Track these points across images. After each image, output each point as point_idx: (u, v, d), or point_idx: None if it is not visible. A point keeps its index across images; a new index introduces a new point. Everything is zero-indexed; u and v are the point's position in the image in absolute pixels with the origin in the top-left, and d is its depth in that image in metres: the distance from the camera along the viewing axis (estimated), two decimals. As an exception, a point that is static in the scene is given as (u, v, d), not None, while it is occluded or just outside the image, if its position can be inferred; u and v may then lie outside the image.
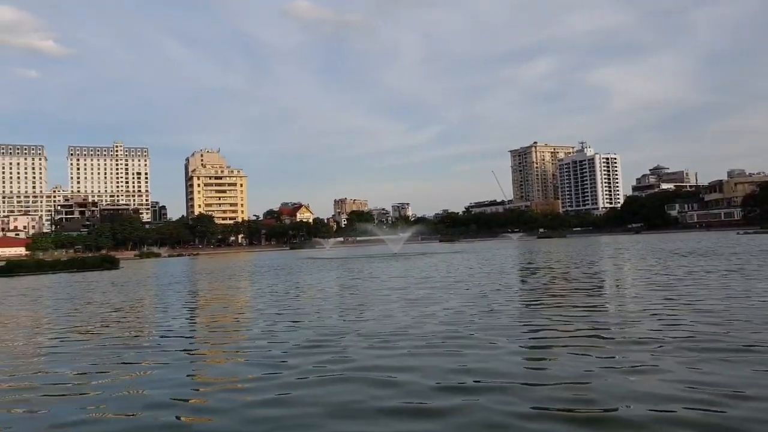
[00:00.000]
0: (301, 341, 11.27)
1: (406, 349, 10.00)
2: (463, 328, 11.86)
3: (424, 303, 16.71)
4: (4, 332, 15.18)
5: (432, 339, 10.78)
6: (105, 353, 11.24)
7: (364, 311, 15.63)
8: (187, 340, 12.56)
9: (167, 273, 50.15)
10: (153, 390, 8.15)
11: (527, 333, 11.27)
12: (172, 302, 21.88)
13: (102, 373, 9.44)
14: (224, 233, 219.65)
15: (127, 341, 12.65)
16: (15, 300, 26.45)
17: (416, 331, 11.73)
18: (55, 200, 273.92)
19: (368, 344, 10.64)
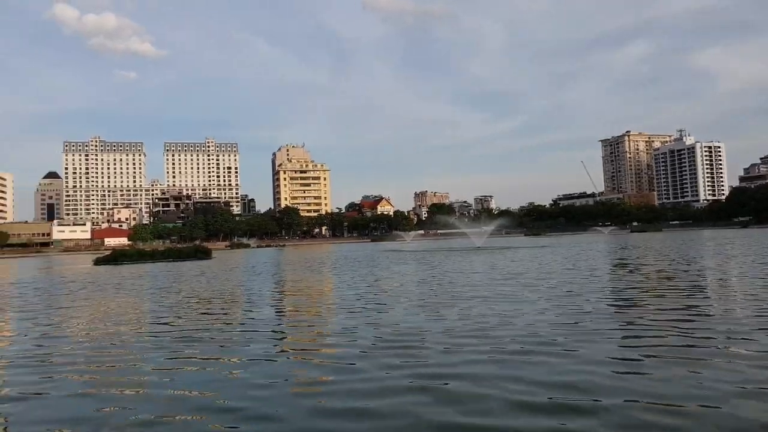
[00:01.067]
0: (379, 340, 10.90)
1: (485, 354, 9.35)
2: (546, 332, 11.03)
3: (506, 301, 15.89)
4: (108, 318, 15.84)
5: (511, 344, 10.03)
6: (191, 344, 11.34)
7: (442, 308, 15.03)
8: (271, 334, 12.41)
9: (256, 263, 51.68)
10: (220, 387, 7.96)
11: (619, 340, 10.24)
12: (259, 292, 22.29)
13: (180, 368, 9.39)
14: (309, 225, 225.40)
15: (214, 333, 12.72)
16: (127, 284, 28.00)
17: (498, 333, 11.06)
18: (153, 194, 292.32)
19: (446, 347, 10.04)
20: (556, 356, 8.98)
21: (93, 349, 11.21)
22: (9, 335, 14.12)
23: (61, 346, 11.61)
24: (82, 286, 30.17)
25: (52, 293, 26.11)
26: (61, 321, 16.05)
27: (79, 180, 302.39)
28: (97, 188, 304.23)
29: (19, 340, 13.06)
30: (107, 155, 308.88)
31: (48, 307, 20.00)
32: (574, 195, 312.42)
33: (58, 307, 19.92)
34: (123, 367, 9.51)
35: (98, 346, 11.53)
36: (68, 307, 19.51)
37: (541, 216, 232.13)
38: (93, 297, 23.08)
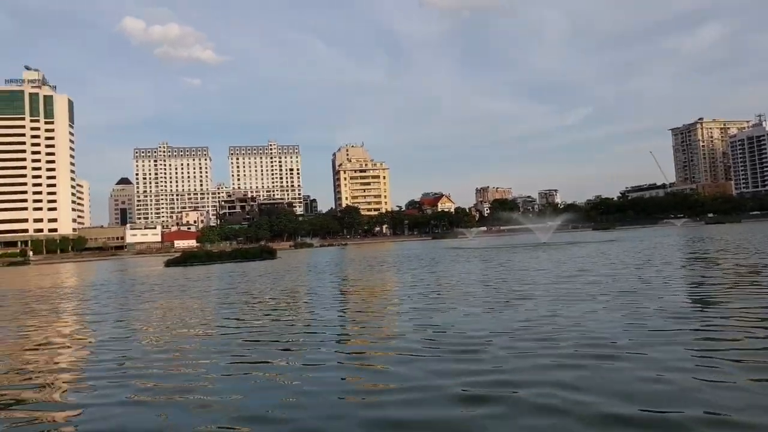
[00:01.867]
0: (442, 343, 10.51)
1: (554, 358, 8.81)
2: (619, 334, 10.32)
3: (574, 300, 15.13)
4: (178, 320, 16.21)
5: (582, 347, 9.42)
6: (255, 347, 11.33)
7: (507, 308, 14.51)
8: (333, 336, 12.23)
9: (319, 262, 52.25)
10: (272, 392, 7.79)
11: (700, 342, 9.39)
12: (322, 292, 22.37)
13: (242, 374, 9.32)
14: (370, 224, 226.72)
15: (278, 336, 12.70)
16: (196, 285, 28.88)
17: (567, 335, 10.47)
18: (219, 196, 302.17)
19: (511, 351, 9.55)
20: (632, 361, 8.35)
21: (159, 353, 11.36)
22: (85, 338, 14.54)
23: (132, 350, 11.82)
24: (154, 287, 31.31)
25: (127, 295, 27.19)
26: (133, 323, 16.50)
27: (149, 185, 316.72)
28: (166, 192, 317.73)
29: (92, 344, 13.40)
30: (175, 160, 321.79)
31: (122, 308, 20.78)
32: (643, 187, 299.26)
33: (132, 309, 20.63)
34: (186, 372, 9.49)
35: (165, 349, 11.65)
36: (141, 309, 20.15)
37: (609, 209, 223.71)
38: (164, 298, 23.82)
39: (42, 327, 16.75)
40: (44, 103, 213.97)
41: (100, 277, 49.76)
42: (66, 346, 13.06)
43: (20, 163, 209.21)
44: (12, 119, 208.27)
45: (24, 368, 10.66)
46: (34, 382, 9.48)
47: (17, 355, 12.15)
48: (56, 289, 34.91)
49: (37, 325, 17.32)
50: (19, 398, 8.46)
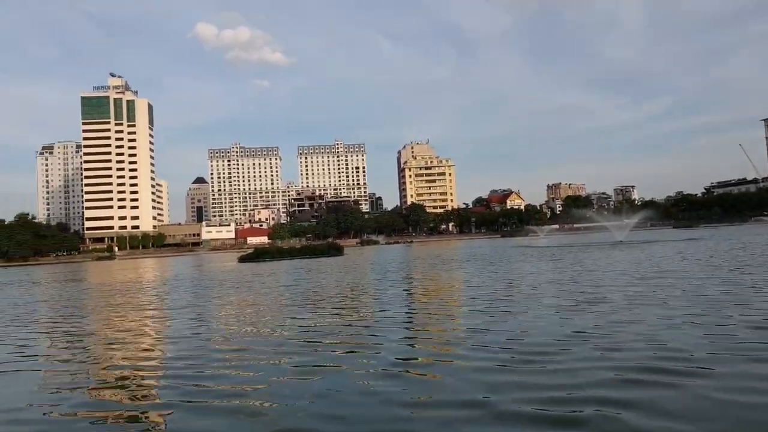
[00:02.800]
0: (509, 350, 9.84)
1: (619, 371, 7.97)
2: (704, 346, 9.21)
3: (653, 305, 13.87)
4: (249, 316, 16.35)
5: (665, 361, 8.42)
6: (322, 346, 11.12)
7: (576, 313, 13.50)
8: (398, 339, 11.81)
9: (385, 260, 52.07)
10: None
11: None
12: (389, 290, 22.04)
13: (306, 377, 8.90)
14: (435, 221, 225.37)
15: (344, 336, 12.47)
16: (268, 280, 29.33)
17: (641, 345, 9.47)
18: (289, 195, 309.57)
19: (578, 362, 8.74)
20: (714, 378, 7.36)
21: (222, 351, 11.21)
22: (154, 333, 14.73)
23: (195, 347, 11.77)
24: (227, 282, 32.12)
25: (202, 289, 27.99)
26: (204, 319, 16.80)
27: (223, 184, 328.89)
28: (238, 191, 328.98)
29: (160, 339, 13.52)
30: (247, 160, 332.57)
31: (195, 303, 21.30)
32: (730, 182, 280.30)
33: (205, 304, 21.14)
34: (244, 375, 9.22)
35: (229, 348, 11.48)
36: (214, 305, 20.56)
37: (692, 206, 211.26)
38: (236, 293, 24.26)
39: (116, 320, 17.31)
40: (127, 107, 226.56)
41: (178, 271, 51.66)
42: (129, 341, 13.25)
43: (106, 164, 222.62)
44: (99, 123, 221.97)
45: (95, 362, 10.78)
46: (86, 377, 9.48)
47: (92, 349, 12.36)
48: (137, 283, 36.36)
49: (114, 317, 17.95)
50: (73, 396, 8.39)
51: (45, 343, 13.64)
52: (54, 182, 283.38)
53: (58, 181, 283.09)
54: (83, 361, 10.95)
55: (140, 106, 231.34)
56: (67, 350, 12.38)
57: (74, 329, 15.72)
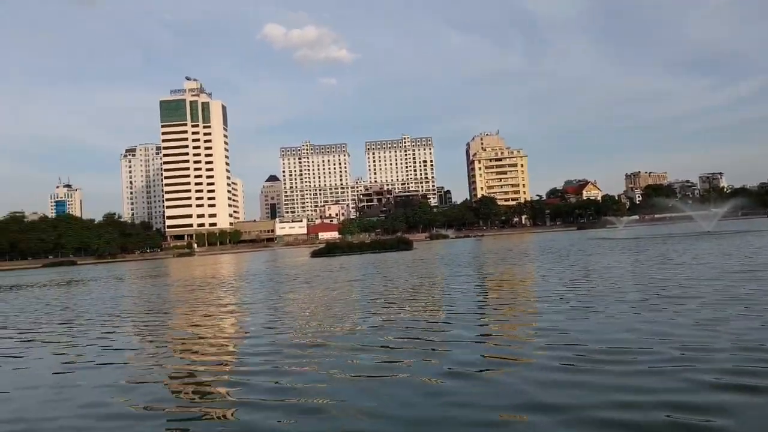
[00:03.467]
0: (590, 350, 8.91)
1: (698, 374, 7.08)
2: None
3: (739, 304, 11.99)
4: (323, 310, 15.68)
5: (744, 364, 7.38)
6: (392, 344, 10.42)
7: (660, 310, 12.02)
8: (471, 336, 10.84)
9: (455, 254, 50.73)
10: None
11: None
12: (460, 285, 20.96)
13: (378, 375, 7.98)
14: (507, 214, 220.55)
15: (417, 332, 11.66)
16: (340, 275, 28.87)
17: (726, 351, 8.21)
18: (358, 190, 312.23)
19: (668, 362, 7.77)
20: None
21: (295, 347, 10.73)
22: (236, 330, 14.40)
23: (269, 343, 11.29)
24: (301, 276, 32.12)
25: (277, 283, 27.94)
26: (279, 313, 16.46)
27: (295, 181, 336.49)
28: (309, 188, 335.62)
29: (244, 335, 13.14)
30: (316, 157, 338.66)
31: (271, 297, 21.09)
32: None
33: (280, 297, 20.93)
34: (319, 372, 8.68)
35: (302, 344, 11.01)
36: (289, 299, 20.29)
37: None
38: (310, 287, 24.01)
39: (195, 315, 17.23)
40: (202, 109, 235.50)
41: (254, 267, 52.55)
42: (205, 337, 12.97)
43: (184, 164, 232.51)
44: (176, 125, 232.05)
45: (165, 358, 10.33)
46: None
47: (171, 344, 12.02)
48: (216, 279, 36.94)
49: (193, 312, 17.90)
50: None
51: (127, 338, 13.49)
52: (137, 183, 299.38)
53: (140, 181, 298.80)
54: (162, 356, 10.79)
55: (215, 107, 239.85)
56: (149, 345, 12.27)
57: (156, 324, 15.72)
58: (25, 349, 12.80)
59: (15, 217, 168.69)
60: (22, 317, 19.77)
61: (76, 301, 25.84)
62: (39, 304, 25.50)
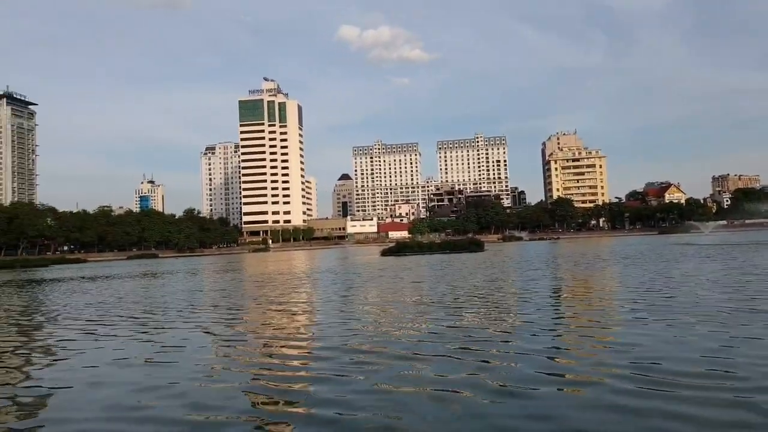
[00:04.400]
0: (667, 365, 8.05)
1: None
2: None
3: None
4: (393, 310, 15.29)
5: None
6: (458, 350, 9.72)
7: (750, 326, 10.73)
8: (543, 348, 9.98)
9: (529, 257, 49.01)
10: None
11: None
12: (533, 290, 19.85)
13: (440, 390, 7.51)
14: (584, 217, 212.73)
15: (482, 343, 10.85)
16: (410, 274, 28.47)
17: None
18: (428, 190, 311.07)
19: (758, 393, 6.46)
20: None
21: (359, 352, 10.31)
22: (304, 329, 14.20)
23: (334, 346, 10.92)
24: (371, 274, 31.96)
25: (348, 281, 27.86)
26: (349, 312, 16.15)
27: (366, 180, 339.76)
28: (380, 187, 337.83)
29: (310, 335, 12.86)
30: (388, 156, 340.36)
31: (342, 294, 20.98)
32: None
33: (351, 296, 20.74)
34: (382, 378, 8.20)
35: (367, 349, 10.53)
36: (359, 298, 20.00)
37: None
38: (381, 286, 23.61)
39: (267, 311, 17.23)
40: (279, 109, 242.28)
41: (326, 263, 53.09)
42: (273, 336, 12.76)
43: (261, 162, 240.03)
44: (254, 125, 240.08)
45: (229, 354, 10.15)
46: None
47: (243, 344, 11.91)
48: (290, 275, 37.43)
49: (266, 308, 17.94)
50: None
51: (194, 334, 13.50)
52: (216, 180, 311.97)
53: (219, 178, 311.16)
54: (231, 356, 10.58)
55: (291, 107, 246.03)
56: (215, 341, 12.16)
57: (229, 318, 15.70)
58: (92, 341, 13.07)
59: (104, 211, 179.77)
60: (105, 307, 20.49)
61: (159, 292, 26.72)
62: (128, 294, 26.53)
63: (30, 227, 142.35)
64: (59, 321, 16.74)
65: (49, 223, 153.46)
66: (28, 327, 15.98)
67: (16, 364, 10.52)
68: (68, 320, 16.76)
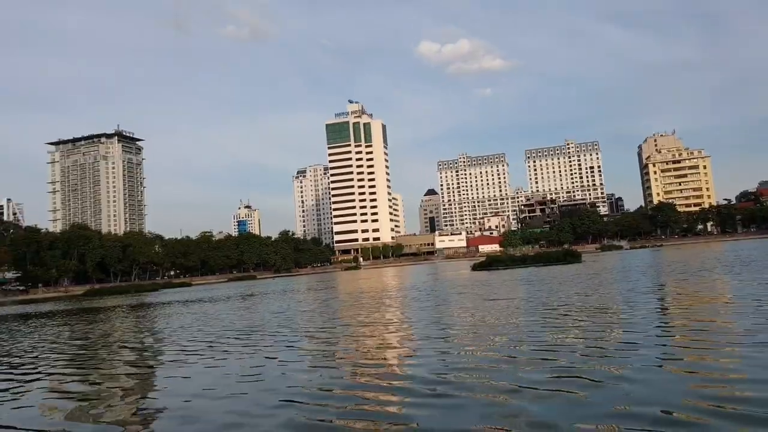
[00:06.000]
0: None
1: None
2: None
3: None
4: (489, 325, 14.83)
5: None
6: (546, 367, 9.09)
7: None
8: (644, 374, 8.97)
9: (630, 266, 46.25)
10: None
11: None
12: (638, 303, 18.36)
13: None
14: (689, 222, 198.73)
15: (582, 362, 10.23)
16: (504, 289, 27.70)
17: None
18: (518, 201, 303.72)
19: None
20: None
21: (461, 372, 9.99)
22: (399, 345, 14.10)
23: (431, 363, 10.79)
24: (465, 290, 31.41)
25: (441, 297, 27.41)
26: (445, 329, 15.87)
27: (453, 194, 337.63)
28: (468, 200, 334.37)
29: (406, 352, 12.78)
30: (474, 169, 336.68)
31: (436, 311, 20.61)
32: None
33: (445, 312, 20.37)
34: (478, 400, 7.87)
35: (469, 367, 10.26)
36: (453, 314, 19.68)
37: None
38: (474, 302, 23.06)
39: (363, 328, 17.23)
40: (364, 130, 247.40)
41: (416, 279, 53.05)
42: (370, 354, 12.81)
43: (349, 182, 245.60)
44: (341, 146, 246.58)
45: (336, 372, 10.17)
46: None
47: (338, 360, 12.01)
48: (382, 291, 37.63)
49: (362, 325, 18.00)
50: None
51: (291, 353, 13.72)
52: (307, 201, 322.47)
53: (310, 200, 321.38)
54: (329, 367, 10.65)
55: (375, 127, 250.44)
56: (313, 357, 12.30)
57: (323, 337, 15.94)
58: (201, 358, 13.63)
59: (205, 236, 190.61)
60: (207, 329, 21.47)
61: (259, 311, 27.71)
62: (228, 314, 27.76)
63: (141, 254, 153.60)
64: (178, 341, 17.77)
65: (157, 250, 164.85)
66: (162, 347, 17.07)
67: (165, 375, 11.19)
68: (179, 341, 17.71)
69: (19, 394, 11.06)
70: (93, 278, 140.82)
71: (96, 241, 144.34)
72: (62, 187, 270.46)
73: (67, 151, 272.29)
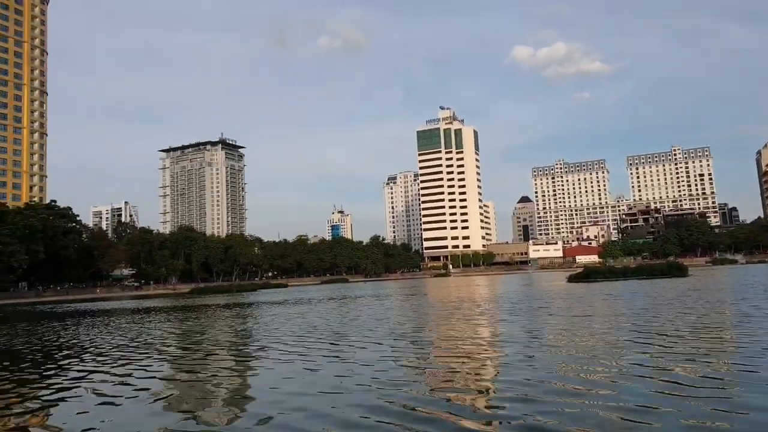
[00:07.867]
0: None
1: None
2: None
3: None
4: (585, 340, 14.17)
5: None
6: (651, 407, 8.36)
7: None
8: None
9: (745, 283, 42.54)
10: None
11: None
12: (755, 326, 16.60)
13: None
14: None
15: (691, 389, 9.50)
16: (602, 303, 26.47)
17: None
18: (620, 209, 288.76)
19: None
20: None
21: (552, 395, 9.62)
22: (492, 360, 13.86)
23: (535, 382, 10.39)
24: (560, 303, 30.32)
25: (535, 310, 26.77)
26: (539, 342, 15.48)
27: (548, 202, 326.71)
28: (564, 208, 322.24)
29: (499, 368, 12.50)
30: (571, 176, 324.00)
31: (530, 324, 20.17)
32: None
33: (539, 325, 19.85)
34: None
35: (560, 389, 9.84)
36: (548, 327, 19.02)
37: None
38: (570, 316, 22.30)
39: (452, 339, 17.03)
40: (455, 136, 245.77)
41: (508, 290, 51.81)
42: (459, 368, 12.60)
43: (439, 189, 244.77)
44: (432, 152, 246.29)
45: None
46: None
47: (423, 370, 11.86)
48: (473, 302, 37.12)
49: (451, 335, 17.89)
50: None
51: (381, 360, 13.76)
52: (397, 207, 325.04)
53: (401, 206, 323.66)
54: (414, 376, 10.58)
55: (466, 133, 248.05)
56: (399, 365, 12.28)
57: (413, 343, 15.98)
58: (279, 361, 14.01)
59: (301, 240, 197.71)
60: (294, 329, 22.10)
61: (356, 315, 28.18)
62: (322, 316, 28.49)
63: (241, 255, 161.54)
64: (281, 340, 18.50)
65: (256, 252, 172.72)
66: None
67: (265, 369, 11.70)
68: (279, 341, 18.39)
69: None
70: (197, 277, 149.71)
71: (201, 242, 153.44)
72: (172, 191, 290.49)
73: (177, 158, 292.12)
